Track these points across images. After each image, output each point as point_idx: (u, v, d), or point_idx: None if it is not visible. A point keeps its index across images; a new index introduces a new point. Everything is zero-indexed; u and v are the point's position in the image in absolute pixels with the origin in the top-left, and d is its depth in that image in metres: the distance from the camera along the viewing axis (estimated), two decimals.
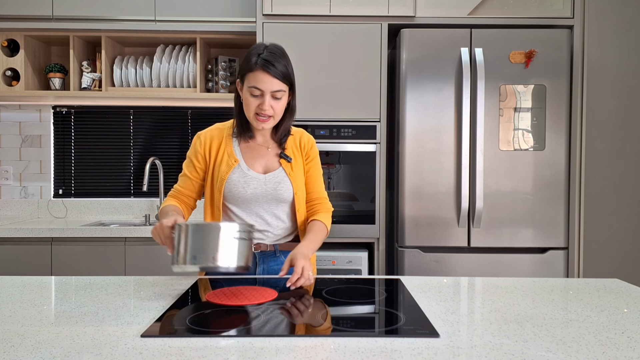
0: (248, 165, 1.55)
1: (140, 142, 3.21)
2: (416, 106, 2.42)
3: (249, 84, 1.44)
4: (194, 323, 1.06)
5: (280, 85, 1.45)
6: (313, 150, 1.62)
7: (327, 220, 1.60)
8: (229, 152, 1.55)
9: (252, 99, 1.45)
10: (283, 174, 1.55)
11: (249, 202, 1.54)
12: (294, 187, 1.55)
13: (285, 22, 2.49)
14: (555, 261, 2.43)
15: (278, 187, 1.53)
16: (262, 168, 1.56)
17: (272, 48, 1.47)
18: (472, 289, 1.40)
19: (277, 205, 1.56)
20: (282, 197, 1.54)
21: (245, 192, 1.52)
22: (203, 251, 1.22)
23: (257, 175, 1.54)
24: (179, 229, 1.25)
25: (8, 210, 3.16)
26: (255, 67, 1.42)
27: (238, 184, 1.52)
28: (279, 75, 1.43)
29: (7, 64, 2.85)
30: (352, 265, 2.46)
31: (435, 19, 2.51)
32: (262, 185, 1.53)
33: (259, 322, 1.06)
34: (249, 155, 1.56)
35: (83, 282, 1.43)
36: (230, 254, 1.24)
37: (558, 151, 2.42)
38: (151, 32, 2.81)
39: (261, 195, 1.53)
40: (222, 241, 1.23)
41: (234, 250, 1.24)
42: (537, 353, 0.89)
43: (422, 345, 0.93)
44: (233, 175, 1.53)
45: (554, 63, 2.40)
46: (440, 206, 2.42)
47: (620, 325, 1.06)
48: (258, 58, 1.43)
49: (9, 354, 0.88)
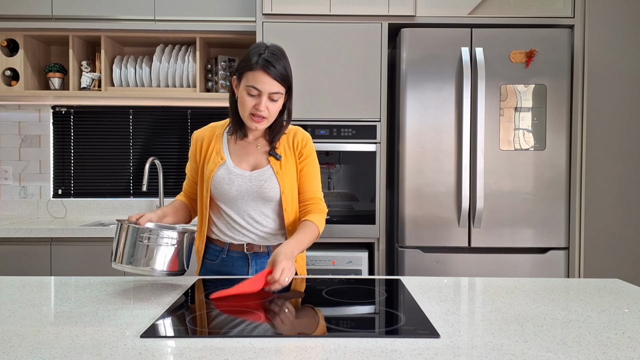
0: (235, 163, 1.54)
1: (140, 142, 3.20)
2: (416, 106, 2.41)
3: (247, 83, 1.44)
4: (194, 323, 1.05)
5: (278, 87, 1.44)
6: (307, 148, 1.58)
7: (319, 221, 1.54)
8: (217, 150, 1.56)
9: (248, 98, 1.45)
10: (270, 172, 1.53)
11: (235, 199, 1.53)
12: (281, 185, 1.52)
13: (285, 21, 2.49)
14: (556, 261, 2.43)
15: (264, 185, 1.51)
16: (249, 166, 1.55)
17: (273, 49, 1.46)
18: (473, 289, 1.40)
19: (264, 203, 1.54)
20: (268, 195, 1.52)
21: (230, 190, 1.52)
22: (137, 255, 1.30)
23: (243, 172, 1.53)
24: (121, 228, 1.33)
25: (7, 211, 3.15)
26: (255, 66, 1.42)
27: (223, 181, 1.52)
28: (278, 77, 1.43)
29: (7, 63, 2.85)
30: (352, 265, 2.45)
31: (436, 19, 2.50)
32: (247, 183, 1.52)
33: (258, 322, 1.06)
34: (237, 153, 1.56)
35: (82, 282, 1.43)
36: (163, 259, 1.32)
37: (559, 151, 2.41)
38: (151, 31, 2.80)
39: (246, 192, 1.52)
40: (154, 247, 1.31)
41: (167, 255, 1.32)
42: (537, 353, 0.89)
43: (423, 345, 0.93)
44: (218, 172, 1.53)
45: (555, 63, 2.40)
46: (441, 206, 2.42)
47: (620, 325, 1.06)
48: (259, 58, 1.42)
49: (9, 354, 0.88)
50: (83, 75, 2.91)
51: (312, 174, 1.59)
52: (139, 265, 1.30)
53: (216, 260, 1.59)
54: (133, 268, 1.30)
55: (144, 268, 1.31)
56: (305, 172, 1.58)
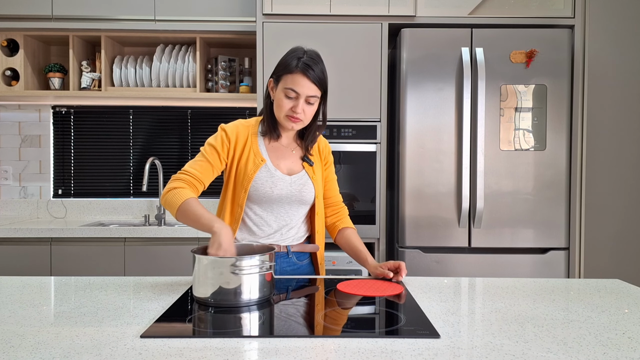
0: (274, 166, 1.55)
1: (140, 142, 3.20)
2: (417, 106, 2.41)
3: (286, 85, 1.45)
4: (194, 323, 1.05)
5: (316, 90, 1.46)
6: (330, 155, 1.67)
7: (352, 224, 1.70)
8: (255, 151, 1.54)
9: (286, 100, 1.46)
10: (306, 176, 1.57)
11: (273, 202, 1.53)
12: (316, 190, 1.58)
13: (286, 21, 2.49)
14: (556, 261, 2.43)
15: (303, 189, 1.55)
16: (286, 169, 1.56)
17: (312, 53, 1.48)
18: (473, 289, 1.39)
19: (298, 207, 1.57)
20: (305, 199, 1.56)
21: (272, 192, 1.52)
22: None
23: (284, 176, 1.54)
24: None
25: (7, 211, 3.15)
26: (295, 69, 1.43)
27: (265, 184, 1.51)
28: (316, 81, 1.45)
29: (7, 63, 2.85)
30: (353, 265, 2.45)
31: (436, 19, 2.50)
32: (289, 187, 1.53)
33: (259, 323, 1.06)
34: (274, 155, 1.56)
35: (82, 283, 1.43)
36: (251, 288, 1.20)
37: (559, 151, 2.41)
38: (151, 31, 2.80)
39: (286, 196, 1.53)
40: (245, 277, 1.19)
41: (255, 284, 1.21)
42: (537, 354, 0.89)
43: (423, 345, 0.93)
44: (260, 174, 1.51)
45: (555, 63, 2.40)
46: (441, 206, 2.41)
47: (621, 325, 1.06)
48: (299, 61, 1.44)
49: (9, 355, 0.88)
50: (83, 75, 2.91)
51: (334, 179, 1.70)
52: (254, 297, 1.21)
53: None
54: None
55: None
56: (331, 178, 1.68)
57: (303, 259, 1.62)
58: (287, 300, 1.24)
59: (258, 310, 1.15)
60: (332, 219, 1.69)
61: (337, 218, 1.68)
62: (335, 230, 1.67)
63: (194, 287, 1.22)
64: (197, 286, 1.21)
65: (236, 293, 1.18)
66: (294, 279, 1.52)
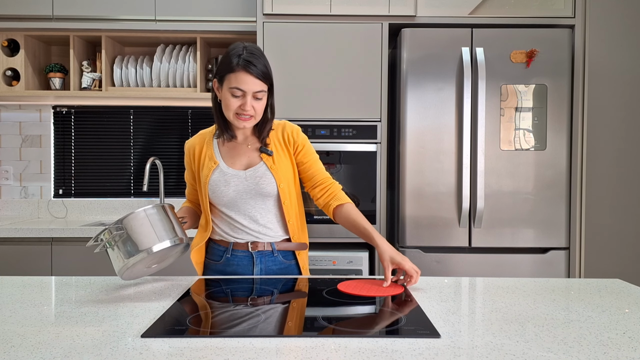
0: (228, 165, 1.56)
1: (141, 142, 3.21)
2: (417, 106, 2.41)
3: (231, 85, 1.44)
4: (194, 323, 1.05)
5: (261, 85, 1.45)
6: (300, 138, 1.60)
7: (348, 198, 1.60)
8: (209, 155, 1.57)
9: (233, 100, 1.45)
10: (264, 167, 1.54)
11: (234, 200, 1.54)
12: (276, 180, 1.54)
13: (286, 21, 2.49)
14: (557, 261, 2.43)
15: (260, 182, 1.53)
16: (243, 165, 1.56)
17: (251, 48, 1.47)
18: (473, 289, 1.40)
19: (263, 200, 1.55)
20: (266, 191, 1.53)
21: (227, 191, 1.53)
22: (133, 244, 1.31)
23: (237, 172, 1.54)
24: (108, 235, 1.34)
25: (8, 210, 3.16)
26: (237, 67, 1.43)
27: (219, 184, 1.53)
28: (260, 76, 1.44)
29: (7, 63, 2.85)
30: (353, 265, 2.45)
31: (436, 19, 2.50)
32: (243, 182, 1.53)
33: (259, 322, 1.06)
34: (229, 155, 1.57)
35: (83, 282, 1.43)
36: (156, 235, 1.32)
37: (559, 151, 2.41)
38: (151, 31, 2.80)
39: (244, 191, 1.53)
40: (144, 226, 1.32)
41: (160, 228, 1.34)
42: (538, 353, 0.89)
43: (423, 345, 0.93)
44: (213, 176, 1.54)
45: (555, 63, 2.40)
46: (441, 206, 2.42)
47: (621, 325, 1.06)
48: (239, 59, 1.43)
49: (9, 354, 0.88)
50: (84, 75, 2.91)
51: (315, 159, 1.63)
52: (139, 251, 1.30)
53: (220, 260, 1.60)
54: (136, 257, 1.29)
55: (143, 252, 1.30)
56: (308, 160, 1.61)
57: (290, 258, 1.62)
58: (287, 301, 1.24)
59: (258, 310, 1.15)
60: (324, 198, 1.60)
61: (329, 196, 1.59)
62: (331, 210, 1.59)
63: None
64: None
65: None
66: (282, 278, 1.50)
